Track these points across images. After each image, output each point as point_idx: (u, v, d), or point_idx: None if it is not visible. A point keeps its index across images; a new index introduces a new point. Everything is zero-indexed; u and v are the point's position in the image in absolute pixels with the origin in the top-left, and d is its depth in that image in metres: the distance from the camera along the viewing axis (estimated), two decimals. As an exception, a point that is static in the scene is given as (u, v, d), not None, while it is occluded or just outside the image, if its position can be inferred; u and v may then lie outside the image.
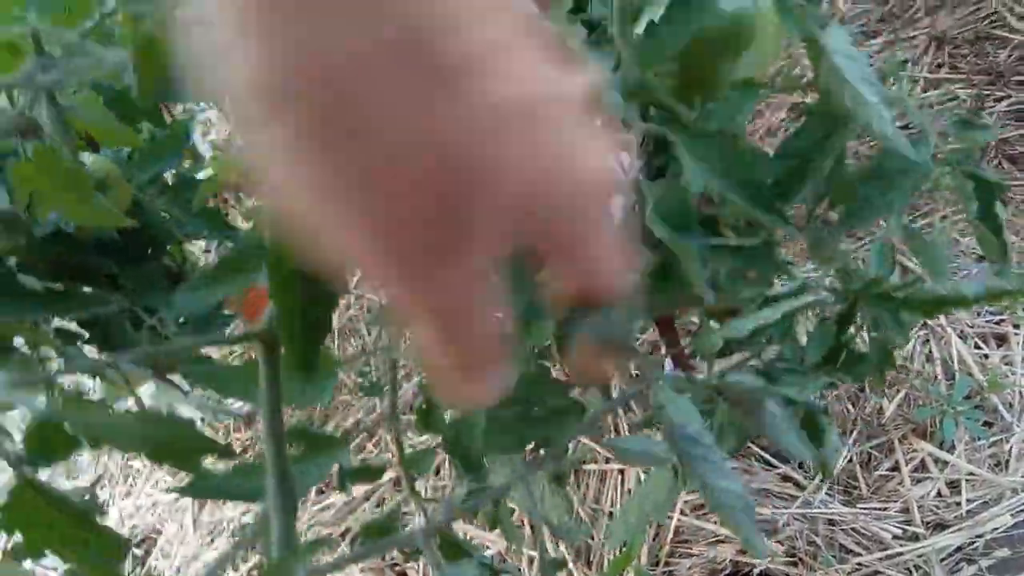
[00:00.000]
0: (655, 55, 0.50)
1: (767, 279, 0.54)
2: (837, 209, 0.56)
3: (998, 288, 0.52)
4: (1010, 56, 1.45)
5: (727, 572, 0.88)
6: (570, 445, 0.96)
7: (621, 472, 1.01)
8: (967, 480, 0.92)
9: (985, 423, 0.94)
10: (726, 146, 0.49)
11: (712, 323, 0.58)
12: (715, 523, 0.91)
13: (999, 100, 1.38)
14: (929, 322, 1.06)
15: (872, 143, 1.36)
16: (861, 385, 1.02)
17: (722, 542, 0.90)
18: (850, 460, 0.96)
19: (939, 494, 0.92)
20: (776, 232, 0.51)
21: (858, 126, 0.50)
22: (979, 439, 0.94)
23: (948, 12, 1.59)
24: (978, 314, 1.05)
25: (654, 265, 0.50)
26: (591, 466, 1.03)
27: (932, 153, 0.50)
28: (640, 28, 0.62)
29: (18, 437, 0.30)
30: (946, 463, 0.93)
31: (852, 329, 0.54)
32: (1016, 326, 1.02)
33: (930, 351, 1.04)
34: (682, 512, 0.94)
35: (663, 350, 0.69)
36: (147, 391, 0.89)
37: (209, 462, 0.33)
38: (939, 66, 1.51)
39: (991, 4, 1.55)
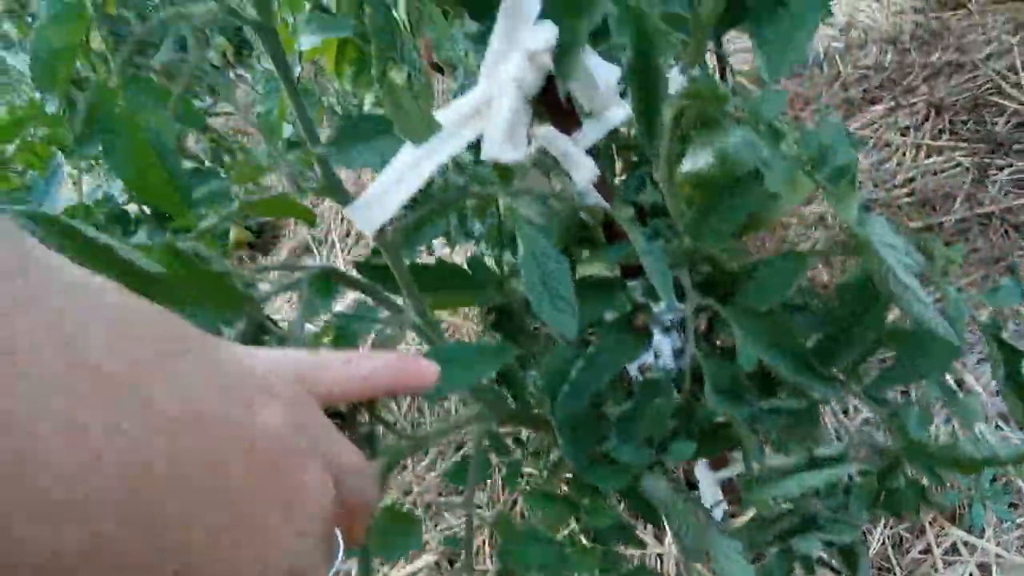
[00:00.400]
0: (709, 234, 0.54)
1: (813, 437, 0.57)
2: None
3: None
4: (1008, 123, 1.51)
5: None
6: None
7: None
8: (996, 563, 0.95)
9: (1011, 505, 0.97)
10: (774, 322, 0.53)
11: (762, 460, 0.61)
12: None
13: (1001, 168, 1.43)
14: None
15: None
16: (887, 467, 1.05)
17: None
18: (883, 543, 0.99)
19: (970, 576, 0.94)
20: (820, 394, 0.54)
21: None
22: (1005, 521, 0.96)
23: (945, 79, 1.65)
24: (998, 393, 1.08)
25: (710, 425, 0.53)
26: None
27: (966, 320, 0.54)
28: (685, 167, 0.67)
29: None
30: (975, 547, 0.96)
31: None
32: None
33: (953, 430, 1.07)
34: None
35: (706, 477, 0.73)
36: None
37: None
38: (940, 132, 1.57)
39: (986, 72, 1.61)
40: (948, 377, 1.14)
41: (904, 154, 1.56)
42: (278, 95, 1.06)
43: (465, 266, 0.55)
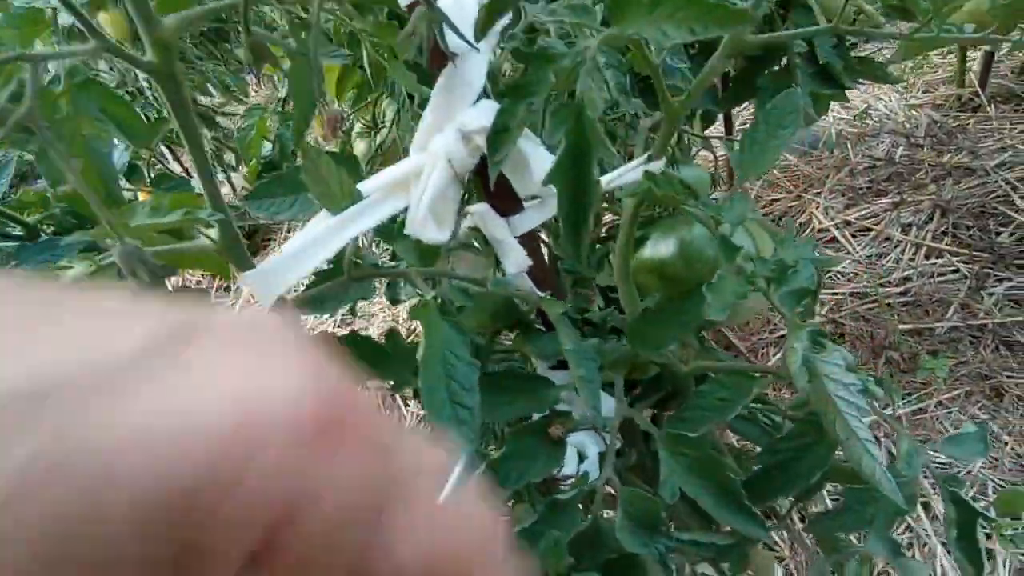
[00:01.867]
0: (651, 340, 0.50)
1: (743, 567, 0.52)
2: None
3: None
4: (1012, 235, 1.47)
5: None
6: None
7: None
8: None
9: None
10: (705, 452, 0.48)
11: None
12: None
13: (1000, 281, 1.39)
14: (912, 524, 1.04)
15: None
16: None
17: None
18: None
19: None
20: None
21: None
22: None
23: (954, 181, 1.62)
24: (965, 522, 1.03)
25: (621, 557, 0.48)
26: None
27: (921, 471, 0.49)
28: (646, 252, 0.62)
29: None
30: None
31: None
32: (1012, 541, 0.99)
33: (913, 555, 1.01)
34: None
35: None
36: None
37: None
38: (943, 234, 1.53)
39: (996, 180, 1.58)
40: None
41: (903, 251, 1.52)
42: (260, 111, 1.03)
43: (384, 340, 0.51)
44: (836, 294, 1.48)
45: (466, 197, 0.47)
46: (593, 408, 0.44)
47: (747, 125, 0.59)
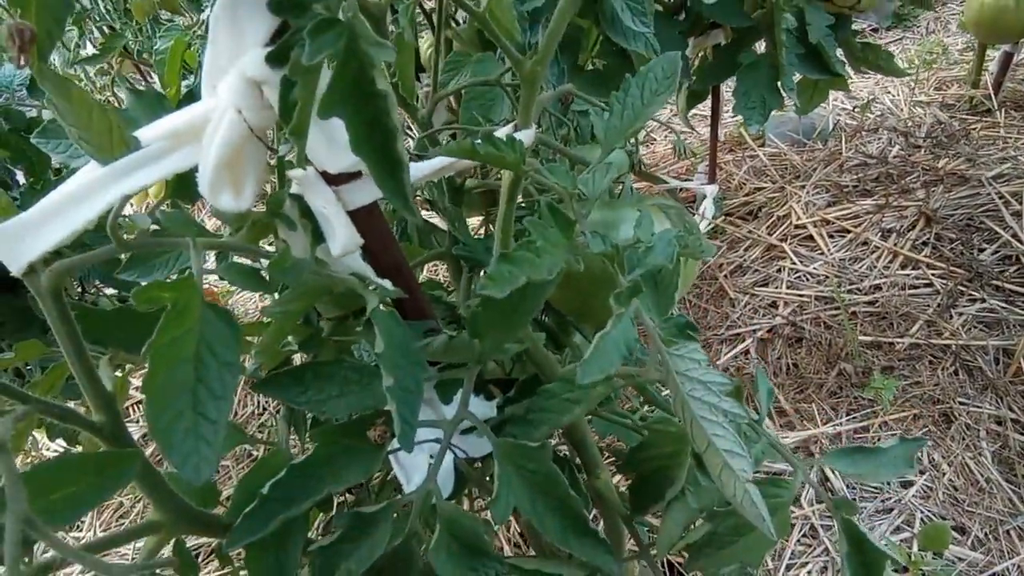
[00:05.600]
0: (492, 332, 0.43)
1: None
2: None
3: None
4: (995, 253, 1.38)
5: None
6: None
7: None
8: None
9: None
10: (546, 463, 0.41)
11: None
12: None
13: (973, 302, 1.31)
14: (830, 548, 0.99)
15: (830, 321, 1.29)
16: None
17: None
18: None
19: None
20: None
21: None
22: None
23: (945, 189, 1.52)
24: (885, 551, 0.98)
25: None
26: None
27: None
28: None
29: None
30: None
31: None
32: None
33: (826, 582, 0.96)
34: None
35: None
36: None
37: None
38: (923, 244, 1.44)
39: (989, 192, 1.48)
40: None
41: (879, 258, 1.44)
42: (179, 31, 0.93)
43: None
44: (801, 295, 1.40)
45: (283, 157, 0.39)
46: (402, 418, 0.37)
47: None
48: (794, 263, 1.47)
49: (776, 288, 1.44)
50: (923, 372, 1.22)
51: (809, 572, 0.98)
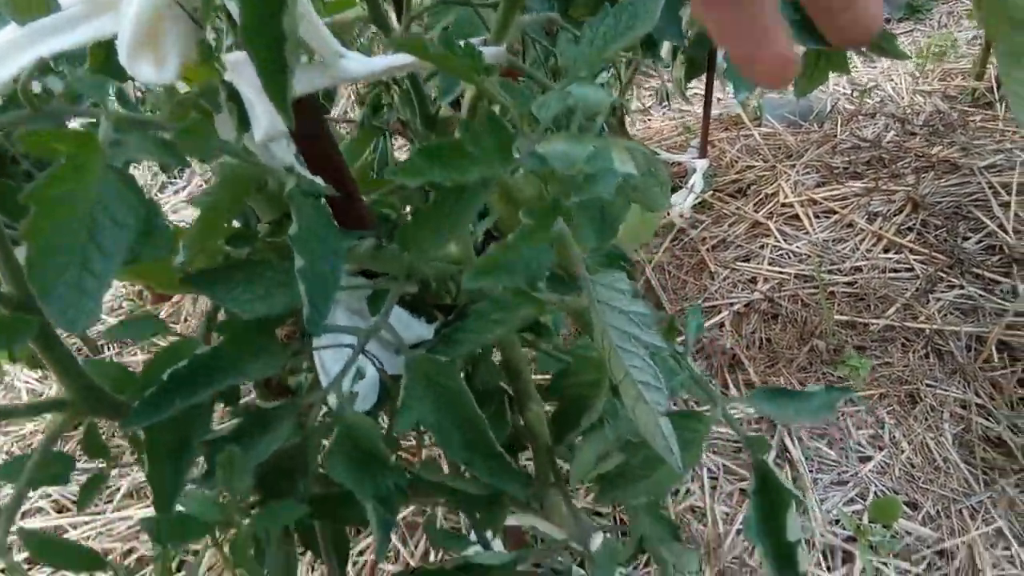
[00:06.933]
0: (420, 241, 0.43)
1: (493, 524, 0.46)
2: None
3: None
4: (979, 243, 1.37)
5: None
6: None
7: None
8: None
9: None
10: (455, 381, 0.41)
11: None
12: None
13: (951, 287, 1.31)
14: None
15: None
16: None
17: None
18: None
19: None
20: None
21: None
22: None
23: (935, 176, 1.51)
24: (836, 522, 0.98)
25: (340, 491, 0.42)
26: None
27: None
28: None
29: None
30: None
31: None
32: (873, 548, 0.95)
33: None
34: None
35: None
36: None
37: None
38: (908, 229, 1.43)
39: (979, 182, 1.47)
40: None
41: (862, 241, 1.43)
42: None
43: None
44: (782, 272, 1.40)
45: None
46: (311, 303, 0.37)
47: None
48: (778, 241, 1.47)
49: (757, 264, 1.43)
50: (895, 354, 1.22)
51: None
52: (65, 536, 1.12)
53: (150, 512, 0.38)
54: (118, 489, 1.17)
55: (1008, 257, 1.33)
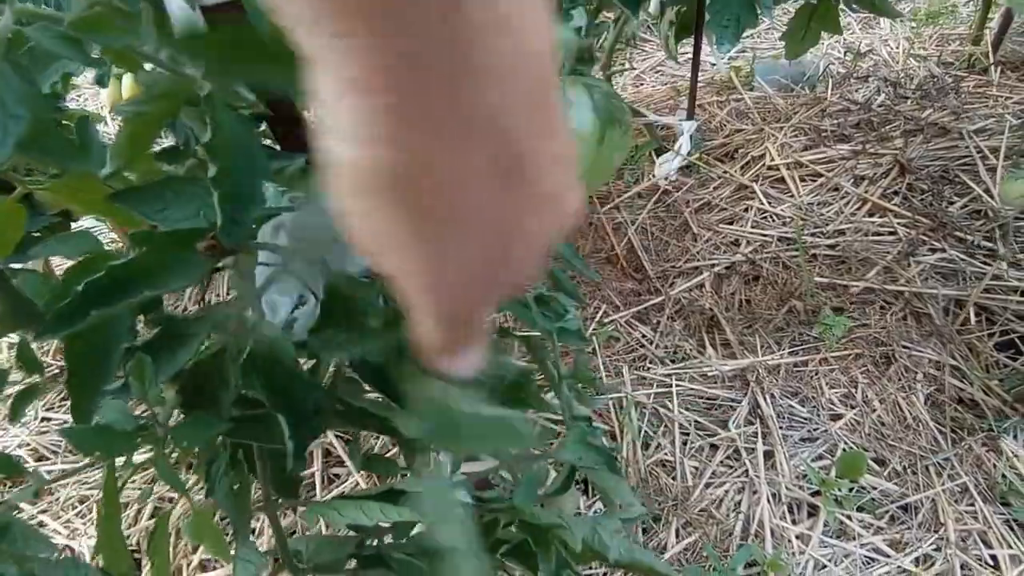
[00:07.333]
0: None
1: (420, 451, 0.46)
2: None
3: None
4: (964, 208, 1.36)
5: None
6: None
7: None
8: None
9: (756, 598, 0.89)
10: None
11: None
12: None
13: (933, 251, 1.30)
14: (750, 471, 1.00)
15: (785, 258, 1.27)
16: (655, 515, 0.96)
17: None
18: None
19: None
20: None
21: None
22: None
23: (924, 140, 1.49)
24: (803, 476, 0.99)
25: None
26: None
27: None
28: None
29: None
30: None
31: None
32: (838, 502, 0.96)
33: (740, 502, 0.97)
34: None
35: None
36: None
37: None
38: (894, 193, 1.42)
39: (968, 146, 1.45)
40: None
41: (847, 204, 1.41)
42: None
43: None
44: (764, 235, 1.39)
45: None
46: (223, 212, 0.36)
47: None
48: (762, 203, 1.45)
49: (740, 227, 1.42)
50: (872, 316, 1.22)
51: (727, 491, 0.99)
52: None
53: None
54: (95, 439, 1.18)
55: (992, 221, 1.32)
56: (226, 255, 0.42)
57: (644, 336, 1.24)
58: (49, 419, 1.25)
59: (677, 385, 1.13)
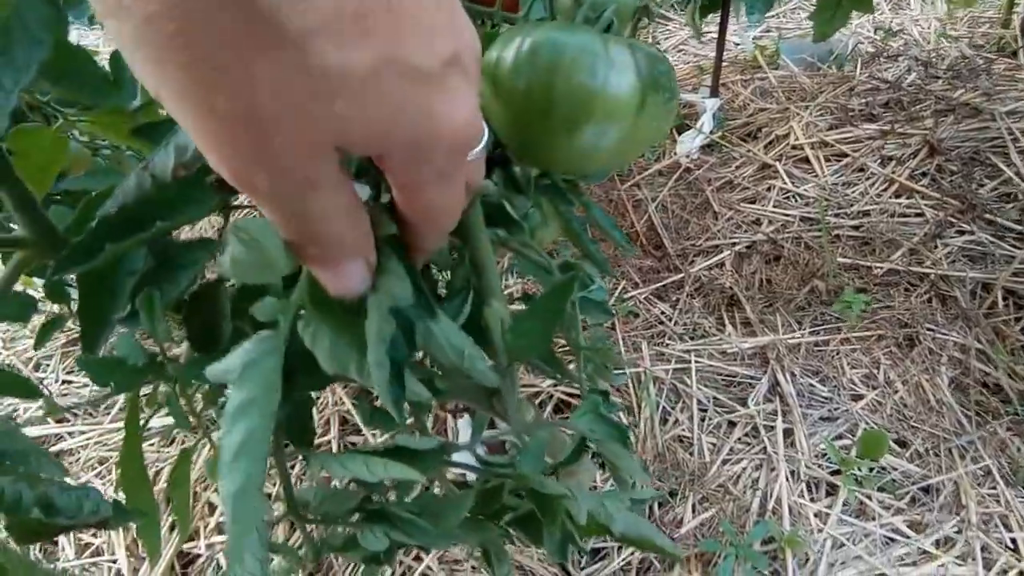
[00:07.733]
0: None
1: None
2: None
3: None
4: (995, 190, 1.33)
5: None
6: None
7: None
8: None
9: (774, 572, 0.88)
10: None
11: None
12: None
13: (961, 233, 1.27)
14: (768, 448, 0.99)
15: (808, 236, 1.25)
16: (672, 489, 0.95)
17: None
18: (628, 563, 0.90)
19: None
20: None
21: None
22: (759, 584, 0.87)
23: (955, 120, 1.45)
24: (823, 455, 0.98)
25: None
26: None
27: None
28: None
29: None
30: (719, 598, 0.87)
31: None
32: (858, 481, 0.94)
33: (757, 479, 0.96)
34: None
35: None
36: None
37: None
38: (922, 174, 1.39)
39: (999, 127, 1.41)
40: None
41: (872, 185, 1.38)
42: None
43: None
44: (787, 215, 1.37)
45: None
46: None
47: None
48: (785, 183, 1.43)
49: (762, 206, 1.40)
50: (896, 297, 1.19)
51: (744, 468, 0.98)
52: (63, 444, 1.14)
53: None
54: (115, 402, 1.19)
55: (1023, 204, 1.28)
56: (235, 190, 0.41)
57: (663, 313, 1.23)
58: (70, 382, 1.26)
59: (696, 361, 1.12)
